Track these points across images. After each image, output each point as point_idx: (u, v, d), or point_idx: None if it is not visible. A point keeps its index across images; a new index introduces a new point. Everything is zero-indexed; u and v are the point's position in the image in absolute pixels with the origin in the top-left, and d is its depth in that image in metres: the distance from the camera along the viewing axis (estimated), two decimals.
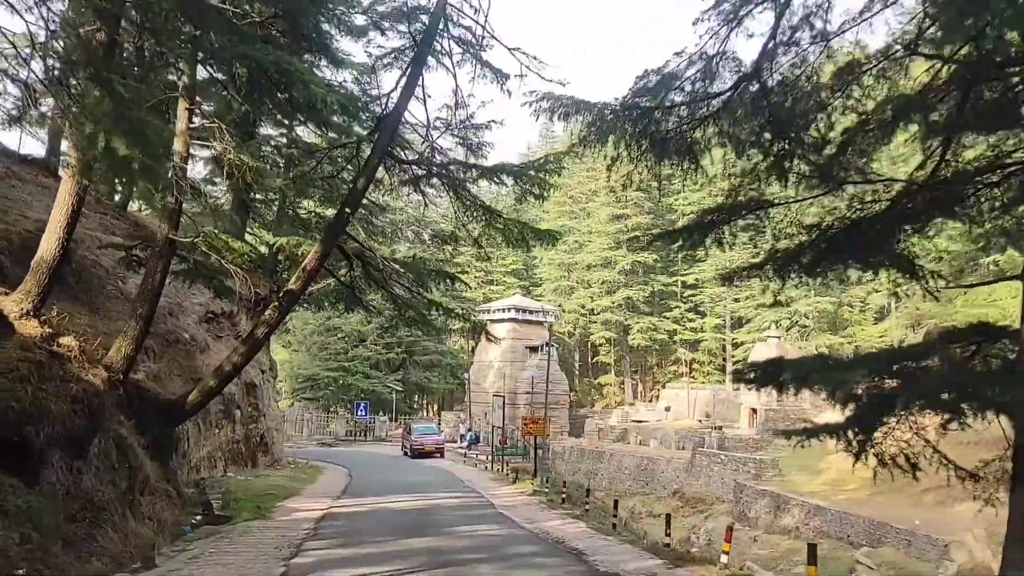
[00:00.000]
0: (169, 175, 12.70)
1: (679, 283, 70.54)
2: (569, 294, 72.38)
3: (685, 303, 69.53)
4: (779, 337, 50.69)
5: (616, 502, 15.64)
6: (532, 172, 13.95)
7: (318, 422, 51.59)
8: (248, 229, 33.76)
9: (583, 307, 70.52)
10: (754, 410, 47.97)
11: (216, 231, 12.75)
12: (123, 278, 21.09)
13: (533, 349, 54.90)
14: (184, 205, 22.81)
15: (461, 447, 43.67)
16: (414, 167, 14.28)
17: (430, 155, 14.02)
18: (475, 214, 14.44)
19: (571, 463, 47.16)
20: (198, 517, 13.44)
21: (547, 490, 18.86)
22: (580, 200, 76.32)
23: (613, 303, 68.09)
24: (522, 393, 49.02)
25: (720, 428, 45.96)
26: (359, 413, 48.26)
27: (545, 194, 14.50)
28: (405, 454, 37.60)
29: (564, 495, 17.33)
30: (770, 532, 33.21)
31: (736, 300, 66.83)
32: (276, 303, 13.21)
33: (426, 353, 61.09)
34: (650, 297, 70.10)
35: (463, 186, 14.47)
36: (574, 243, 73.12)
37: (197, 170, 30.22)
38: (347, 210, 12.82)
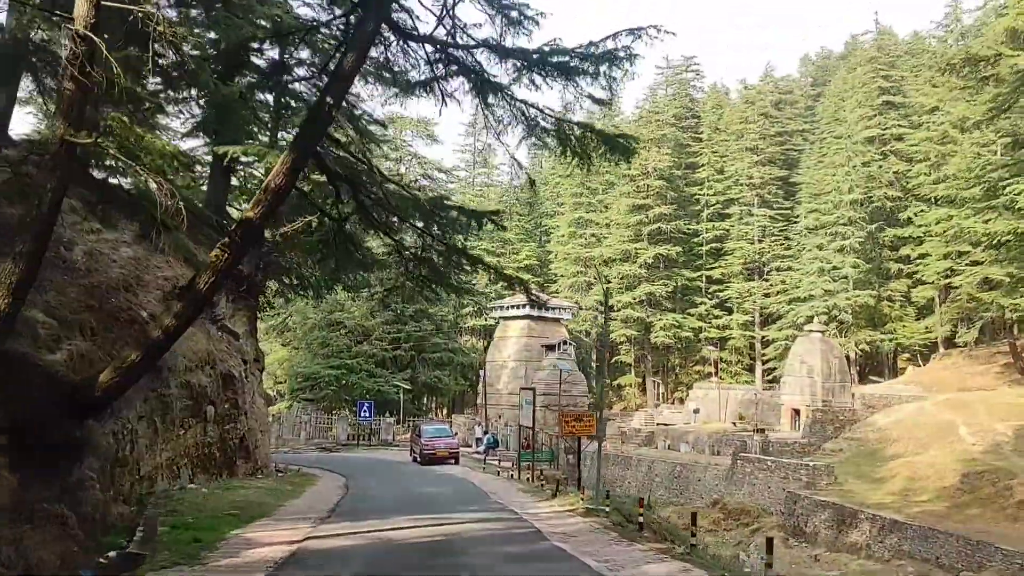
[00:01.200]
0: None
1: (704, 278, 66.82)
2: (586, 290, 68.40)
3: (711, 299, 65.80)
4: (823, 332, 46.30)
5: (770, 541, 10.42)
6: (594, 57, 9.49)
7: (318, 425, 47.31)
8: (234, 206, 29.75)
9: (601, 304, 66.41)
10: (797, 411, 43.78)
11: (127, 122, 8.47)
12: (68, 244, 17.35)
13: (550, 348, 51.12)
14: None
15: (477, 452, 39.44)
16: (427, 48, 9.97)
17: (450, 30, 9.72)
18: (514, 112, 10.03)
19: (594, 469, 43.23)
20: (111, 554, 9.14)
21: (606, 508, 14.17)
22: (597, 191, 72.29)
23: (634, 299, 64.34)
24: (539, 394, 44.96)
25: (762, 431, 41.69)
26: (362, 414, 43.88)
27: (611, 95, 10.22)
28: (414, 460, 33.37)
29: (640, 518, 12.38)
30: (834, 550, 28.98)
31: (766, 295, 62.72)
32: (227, 240, 8.96)
33: (436, 351, 57.04)
34: (673, 293, 66.26)
35: (496, 87, 10.12)
36: (591, 236, 69.17)
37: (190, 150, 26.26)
38: (329, 100, 8.60)
